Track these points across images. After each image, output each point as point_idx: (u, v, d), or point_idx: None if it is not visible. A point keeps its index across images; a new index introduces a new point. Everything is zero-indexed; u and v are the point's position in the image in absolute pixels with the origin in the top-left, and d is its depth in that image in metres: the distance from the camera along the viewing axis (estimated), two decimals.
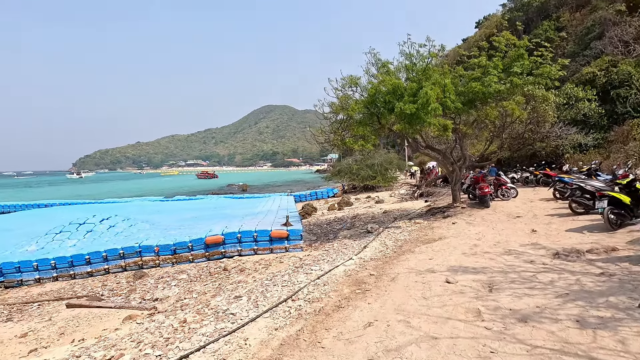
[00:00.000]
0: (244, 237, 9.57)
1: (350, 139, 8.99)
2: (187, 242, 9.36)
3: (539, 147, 18.18)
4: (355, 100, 9.73)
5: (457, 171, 11.07)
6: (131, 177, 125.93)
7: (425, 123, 8.42)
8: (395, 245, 7.91)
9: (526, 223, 8.21)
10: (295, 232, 9.66)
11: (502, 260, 5.55)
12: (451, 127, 8.67)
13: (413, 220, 10.78)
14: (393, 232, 9.49)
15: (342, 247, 8.96)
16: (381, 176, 26.58)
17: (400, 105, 8.46)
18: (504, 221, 8.71)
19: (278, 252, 9.62)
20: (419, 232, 8.90)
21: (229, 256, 9.53)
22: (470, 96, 9.44)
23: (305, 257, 8.67)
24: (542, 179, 15.31)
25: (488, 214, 9.76)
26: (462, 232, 8.10)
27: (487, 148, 13.35)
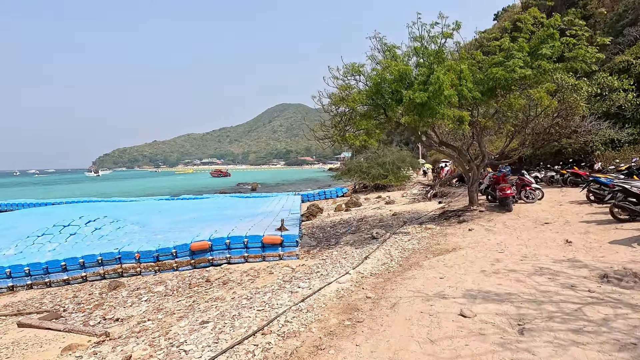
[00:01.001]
0: (234, 243, 8.62)
1: (350, 134, 7.90)
2: (170, 249, 8.49)
3: (565, 143, 16.62)
4: (358, 91, 8.63)
5: (474, 170, 9.83)
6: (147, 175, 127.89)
7: (438, 115, 7.25)
8: (401, 257, 6.79)
9: (557, 231, 6.95)
10: (290, 237, 8.65)
11: (533, 284, 4.38)
12: (468, 120, 7.48)
13: (424, 225, 9.60)
14: (400, 239, 8.36)
15: (342, 255, 7.90)
16: (393, 175, 25.31)
17: (409, 93, 7.32)
18: (530, 228, 7.47)
19: (271, 260, 8.64)
20: (430, 240, 7.75)
21: (217, 264, 8.61)
22: (491, 84, 8.21)
23: (298, 267, 7.65)
24: (570, 178, 13.84)
25: (510, 219, 8.51)
26: (480, 242, 6.91)
27: (507, 145, 12.01)
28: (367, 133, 8.15)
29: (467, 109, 8.81)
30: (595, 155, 16.65)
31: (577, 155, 17.33)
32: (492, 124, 8.80)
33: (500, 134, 20.41)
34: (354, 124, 8.23)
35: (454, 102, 7.09)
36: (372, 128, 8.08)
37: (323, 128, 8.48)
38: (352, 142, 7.83)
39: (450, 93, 6.92)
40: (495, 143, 22.01)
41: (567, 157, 17.46)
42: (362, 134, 7.99)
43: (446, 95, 6.88)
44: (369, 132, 8.08)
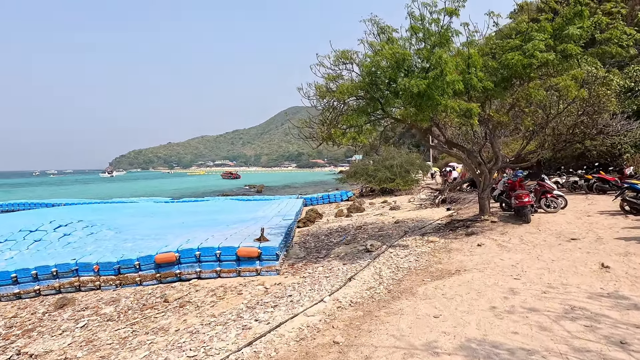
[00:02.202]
0: (205, 256, 7.53)
1: (337, 131, 6.73)
2: (133, 260, 7.45)
3: (590, 145, 15.03)
4: (351, 81, 7.46)
5: (486, 174, 8.51)
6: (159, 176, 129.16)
7: (440, 107, 6.02)
8: (392, 279, 5.57)
9: (589, 251, 5.60)
10: (268, 250, 7.51)
11: (563, 334, 3.12)
12: (477, 113, 6.21)
13: (426, 236, 8.33)
14: (397, 254, 7.12)
15: (326, 272, 6.73)
16: (401, 179, 23.93)
17: (405, 81, 6.12)
18: (553, 246, 6.13)
19: (247, 275, 7.51)
20: (431, 258, 6.49)
21: (185, 279, 7.53)
22: (505, 72, 6.94)
23: (273, 286, 6.50)
24: (596, 184, 12.30)
25: (528, 232, 7.17)
26: (491, 262, 5.63)
27: (524, 147, 10.62)
28: (357, 130, 6.97)
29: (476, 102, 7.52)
30: (624, 159, 15.00)
31: (602, 159, 15.70)
32: (508, 120, 7.47)
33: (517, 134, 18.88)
34: (343, 119, 7.05)
35: (459, 89, 5.83)
36: (363, 124, 6.90)
37: (306, 124, 7.33)
38: (339, 139, 6.64)
39: (454, 78, 5.68)
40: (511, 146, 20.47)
41: (591, 161, 15.85)
42: (351, 130, 6.80)
43: (449, 81, 5.64)
44: (358, 129, 6.90)
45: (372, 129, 7.03)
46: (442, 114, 6.53)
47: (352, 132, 6.75)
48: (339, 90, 6.90)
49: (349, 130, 6.82)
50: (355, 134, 6.75)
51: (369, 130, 6.91)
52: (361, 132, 6.91)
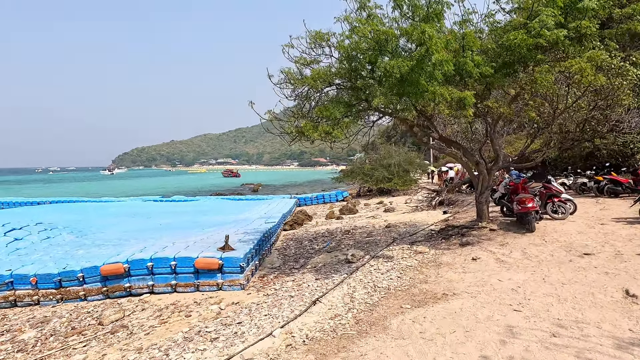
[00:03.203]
0: (158, 267, 6.55)
1: (307, 123, 5.71)
2: (76, 272, 6.48)
3: (600, 144, 13.90)
4: (329, 68, 6.45)
5: (484, 174, 7.46)
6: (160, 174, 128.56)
7: (426, 94, 4.98)
8: (365, 303, 4.55)
9: (607, 271, 4.56)
10: (231, 261, 6.51)
11: None
12: (472, 102, 5.17)
13: (415, 246, 7.30)
14: (378, 268, 6.11)
15: (294, 290, 5.75)
16: (398, 178, 22.87)
17: (386, 63, 5.09)
18: (562, 262, 5.09)
19: (207, 289, 6.53)
20: (416, 274, 5.46)
21: (136, 293, 6.56)
22: (507, 55, 5.90)
23: (229, 306, 5.52)
24: (608, 187, 11.21)
25: (533, 243, 6.13)
26: (486, 283, 4.60)
27: (528, 145, 9.55)
28: (332, 122, 5.95)
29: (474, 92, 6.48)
30: (637, 159, 13.87)
31: (613, 159, 14.57)
32: (509, 112, 6.39)
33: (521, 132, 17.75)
34: (317, 110, 6.03)
35: (449, 71, 4.79)
36: (340, 116, 5.87)
37: (273, 115, 6.29)
38: (309, 133, 5.62)
39: (442, 58, 4.64)
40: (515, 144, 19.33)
41: (601, 161, 14.72)
42: (324, 123, 5.78)
43: (436, 61, 4.60)
44: (334, 122, 5.88)
45: (350, 121, 5.98)
46: (429, 104, 5.48)
47: (326, 126, 5.72)
48: (311, 77, 5.88)
49: (322, 123, 5.80)
50: (329, 128, 5.73)
51: (346, 123, 5.88)
52: (337, 125, 5.89)
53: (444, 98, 4.95)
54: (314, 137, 5.69)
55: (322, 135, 5.72)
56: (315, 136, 5.60)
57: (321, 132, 5.64)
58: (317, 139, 5.74)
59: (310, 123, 5.72)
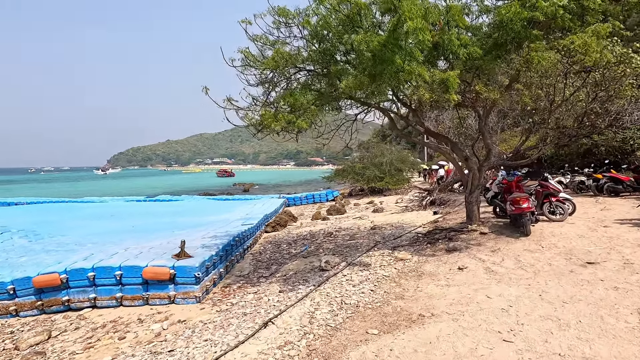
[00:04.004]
0: (101, 277, 5.72)
1: (266, 112, 4.90)
2: (6, 284, 5.63)
3: (599, 140, 13.21)
4: (298, 51, 5.65)
5: (474, 172, 6.69)
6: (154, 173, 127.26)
7: (402, 74, 4.18)
8: (326, 325, 3.76)
9: (617, 285, 3.79)
10: (185, 271, 5.69)
11: None
12: (456, 84, 4.38)
13: (397, 251, 6.51)
14: (351, 278, 5.31)
15: (253, 303, 4.97)
16: (390, 177, 22.12)
17: (354, 39, 4.30)
18: (562, 273, 4.32)
19: (158, 303, 5.70)
20: (392, 287, 4.67)
21: (77, 308, 5.72)
22: (499, 35, 5.13)
23: (173, 326, 4.71)
24: (607, 185, 10.50)
25: (528, 249, 5.36)
26: (472, 300, 3.82)
27: (524, 141, 8.80)
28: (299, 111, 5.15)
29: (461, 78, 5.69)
30: (637, 156, 13.18)
31: (612, 156, 13.87)
32: (500, 99, 5.56)
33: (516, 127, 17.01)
34: (280, 97, 5.23)
35: (425, 42, 4.00)
36: (307, 104, 5.07)
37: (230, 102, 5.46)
38: (267, 122, 4.81)
39: (417, 26, 3.84)
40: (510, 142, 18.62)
41: (599, 158, 14.03)
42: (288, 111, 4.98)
43: (410, 30, 3.81)
44: (299, 110, 5.08)
45: (316, 110, 5.17)
46: (406, 86, 4.69)
47: (288, 115, 4.91)
48: (272, 58, 5.07)
49: (284, 111, 5.00)
50: (292, 117, 4.92)
51: (313, 112, 5.07)
52: (303, 114, 5.09)
53: (423, 79, 4.15)
54: (274, 128, 4.87)
55: (284, 126, 4.91)
56: (274, 126, 4.79)
57: (282, 122, 4.83)
58: (277, 130, 4.93)
59: (270, 112, 4.91)
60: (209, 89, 5.33)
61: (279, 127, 4.89)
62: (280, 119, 4.80)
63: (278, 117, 4.84)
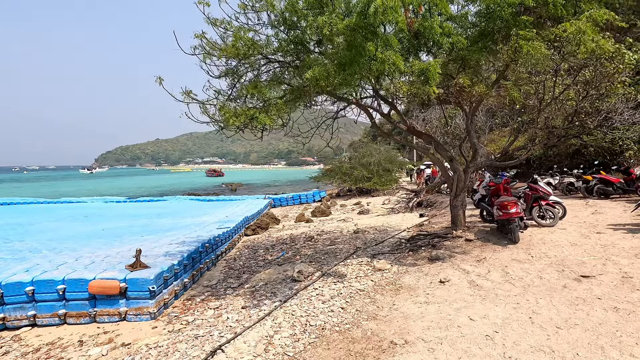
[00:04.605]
0: (42, 292, 5.06)
1: (224, 107, 4.32)
2: None
3: (588, 141, 12.90)
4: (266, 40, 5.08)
5: (459, 173, 6.20)
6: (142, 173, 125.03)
7: (374, 63, 3.65)
8: (283, 355, 3.21)
9: (617, 305, 3.32)
10: (138, 284, 5.07)
11: None
12: (437, 74, 3.86)
13: (376, 260, 5.98)
14: (322, 293, 4.77)
15: (210, 322, 4.41)
16: (378, 178, 21.67)
17: (321, 21, 3.75)
18: (554, 288, 3.85)
19: (107, 320, 5.08)
20: (365, 305, 4.14)
21: (13, 327, 5.05)
22: (486, 24, 4.65)
23: (115, 350, 4.10)
24: (598, 187, 10.18)
25: (516, 259, 4.88)
26: (452, 324, 3.31)
27: (512, 141, 8.38)
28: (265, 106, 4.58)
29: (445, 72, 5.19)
30: (626, 156, 12.93)
31: (600, 156, 13.61)
32: (486, 92, 5.06)
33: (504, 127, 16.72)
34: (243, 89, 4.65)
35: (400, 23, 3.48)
36: (274, 98, 4.52)
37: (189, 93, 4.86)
38: (226, 117, 4.23)
39: (388, 4, 3.31)
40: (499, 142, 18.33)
41: (588, 159, 13.77)
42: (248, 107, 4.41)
43: (379, 7, 3.27)
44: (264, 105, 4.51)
45: (285, 105, 4.61)
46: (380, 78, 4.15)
47: (250, 110, 4.34)
48: (233, 44, 4.49)
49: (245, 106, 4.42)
50: (256, 112, 4.34)
51: (280, 107, 4.51)
52: (268, 109, 4.52)
53: (398, 68, 3.62)
54: (234, 124, 4.29)
55: (246, 122, 4.34)
56: (233, 122, 4.21)
57: (243, 118, 4.25)
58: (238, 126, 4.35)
59: (229, 108, 4.33)
60: (163, 79, 4.73)
61: (239, 124, 4.32)
62: (241, 114, 4.22)
63: (238, 112, 4.27)
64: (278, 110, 4.44)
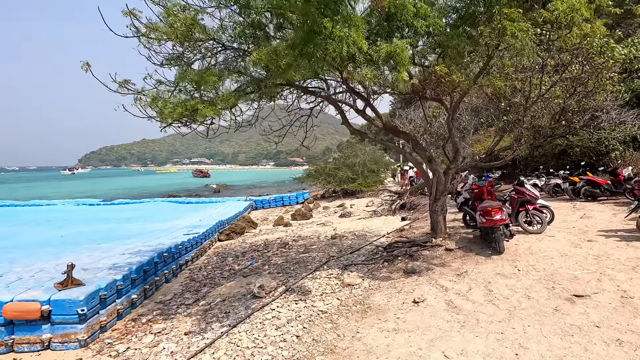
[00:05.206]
0: None
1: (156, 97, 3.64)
2: None
3: (575, 141, 12.56)
4: (220, 24, 4.40)
5: (439, 176, 5.61)
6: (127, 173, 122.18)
7: (331, 44, 3.01)
8: None
9: (619, 336, 2.75)
10: (65, 306, 4.32)
11: None
12: (407, 61, 3.23)
13: (346, 273, 5.34)
14: (278, 315, 4.10)
15: (144, 353, 3.65)
16: (363, 179, 21.11)
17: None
18: (545, 313, 3.26)
19: (27, 349, 4.31)
20: (324, 332, 3.49)
21: None
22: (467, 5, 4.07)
23: None
24: (585, 189, 9.76)
25: (501, 274, 4.30)
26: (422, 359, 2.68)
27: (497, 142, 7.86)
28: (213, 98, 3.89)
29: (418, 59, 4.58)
30: (612, 157, 12.63)
31: (586, 157, 13.29)
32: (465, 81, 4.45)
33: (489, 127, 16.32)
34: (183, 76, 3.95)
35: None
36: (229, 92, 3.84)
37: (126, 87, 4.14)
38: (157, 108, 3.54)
39: None
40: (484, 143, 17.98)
41: (574, 159, 13.45)
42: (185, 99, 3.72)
43: None
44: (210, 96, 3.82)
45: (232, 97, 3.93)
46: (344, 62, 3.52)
47: (191, 102, 3.65)
48: (170, 23, 3.79)
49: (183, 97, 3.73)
50: (197, 104, 3.65)
51: (225, 99, 3.82)
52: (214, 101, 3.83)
53: (359, 49, 2.98)
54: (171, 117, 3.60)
55: (185, 114, 3.64)
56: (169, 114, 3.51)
57: (181, 110, 3.56)
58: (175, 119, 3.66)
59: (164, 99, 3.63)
60: (90, 65, 3.99)
61: (177, 117, 3.62)
62: (178, 105, 3.53)
63: (175, 104, 3.57)
64: (224, 101, 3.75)
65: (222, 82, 4.11)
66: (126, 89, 4.19)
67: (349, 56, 3.20)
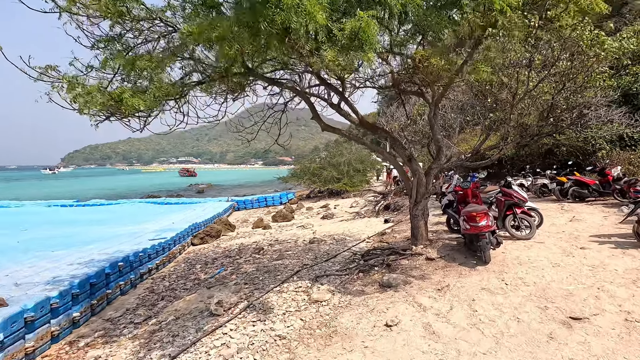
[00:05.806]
0: None
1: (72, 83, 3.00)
2: None
3: (562, 139, 12.27)
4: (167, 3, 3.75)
5: (420, 176, 5.08)
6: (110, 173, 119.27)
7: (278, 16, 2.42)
8: None
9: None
10: None
11: None
12: (374, 40, 2.68)
13: (316, 287, 4.75)
14: (229, 341, 3.50)
15: None
16: (348, 179, 20.60)
17: None
18: (538, 343, 2.73)
19: None
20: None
21: None
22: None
23: None
24: (572, 189, 9.40)
25: (487, 289, 3.78)
26: None
27: (483, 140, 7.41)
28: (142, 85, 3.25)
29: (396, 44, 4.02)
30: (598, 157, 12.37)
31: (573, 156, 13.01)
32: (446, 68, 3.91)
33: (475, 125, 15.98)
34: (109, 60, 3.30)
35: None
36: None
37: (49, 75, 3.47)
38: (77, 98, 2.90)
39: None
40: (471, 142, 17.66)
41: (560, 159, 13.16)
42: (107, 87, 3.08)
43: None
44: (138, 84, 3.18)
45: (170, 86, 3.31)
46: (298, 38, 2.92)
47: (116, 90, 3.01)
48: None
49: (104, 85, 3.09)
50: (123, 93, 3.02)
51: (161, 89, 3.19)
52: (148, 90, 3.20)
53: (315, 21, 2.40)
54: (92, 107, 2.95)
55: (110, 104, 3.00)
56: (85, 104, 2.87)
57: (103, 99, 2.92)
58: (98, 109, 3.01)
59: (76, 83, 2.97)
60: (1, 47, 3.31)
61: (99, 107, 2.97)
62: (98, 93, 2.88)
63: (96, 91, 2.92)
64: (159, 90, 3.12)
65: (162, 69, 3.47)
66: (49, 77, 3.52)
67: (305, 32, 2.60)
